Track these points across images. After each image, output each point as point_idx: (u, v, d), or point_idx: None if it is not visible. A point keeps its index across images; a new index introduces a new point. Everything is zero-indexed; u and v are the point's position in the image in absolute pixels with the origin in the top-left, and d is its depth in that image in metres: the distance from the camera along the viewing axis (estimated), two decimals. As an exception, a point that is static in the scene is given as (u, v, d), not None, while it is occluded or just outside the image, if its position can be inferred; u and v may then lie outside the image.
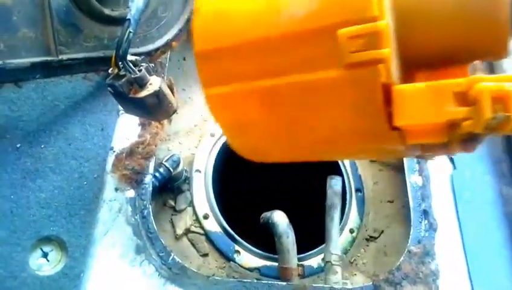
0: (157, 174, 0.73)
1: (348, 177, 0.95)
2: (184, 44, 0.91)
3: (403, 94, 0.35)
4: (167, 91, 0.55)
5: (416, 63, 0.38)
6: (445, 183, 0.82)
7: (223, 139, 0.93)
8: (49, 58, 0.64)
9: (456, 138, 0.36)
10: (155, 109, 0.55)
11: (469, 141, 0.36)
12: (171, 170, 0.75)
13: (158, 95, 0.54)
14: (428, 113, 0.35)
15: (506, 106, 0.32)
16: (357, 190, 0.95)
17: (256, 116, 0.42)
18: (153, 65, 0.83)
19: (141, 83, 0.54)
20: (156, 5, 0.76)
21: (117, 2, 0.68)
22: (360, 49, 0.35)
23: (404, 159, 0.84)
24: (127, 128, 0.72)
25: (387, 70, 0.35)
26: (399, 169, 0.88)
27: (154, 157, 0.72)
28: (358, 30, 0.35)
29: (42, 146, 0.66)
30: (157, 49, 0.78)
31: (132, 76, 0.54)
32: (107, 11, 0.67)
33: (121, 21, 0.63)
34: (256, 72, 0.40)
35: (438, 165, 0.82)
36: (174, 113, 0.56)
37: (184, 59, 1.01)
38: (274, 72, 0.40)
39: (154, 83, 0.54)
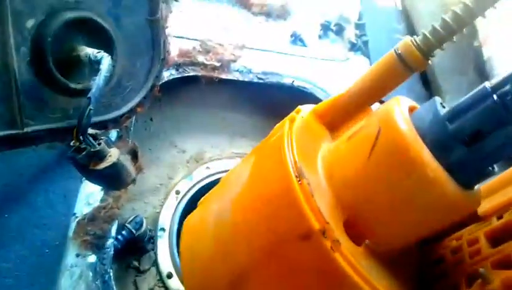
0: (119, 237, 0.75)
1: None
2: (151, 106, 0.96)
3: None
4: (125, 162, 0.58)
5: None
6: None
7: (188, 196, 0.96)
8: (14, 132, 0.66)
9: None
10: (113, 180, 0.58)
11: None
12: (134, 231, 0.77)
13: (116, 166, 0.57)
14: None
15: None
16: None
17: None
18: (119, 130, 0.86)
19: (100, 156, 0.57)
20: (121, 75, 0.80)
21: (82, 75, 0.72)
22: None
23: None
24: (89, 193, 0.74)
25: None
26: None
27: (117, 221, 0.74)
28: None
29: (6, 215, 0.67)
30: (122, 116, 0.82)
31: (92, 150, 0.57)
32: (72, 85, 0.70)
33: (86, 93, 0.67)
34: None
35: None
36: (132, 182, 0.59)
37: (151, 120, 1.05)
38: None
39: (113, 155, 0.58)
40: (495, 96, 0.35)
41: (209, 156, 1.03)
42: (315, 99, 1.01)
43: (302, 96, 1.01)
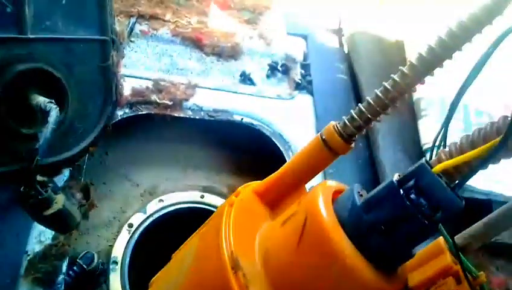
0: (70, 272, 0.78)
1: None
2: (107, 140, 1.00)
3: None
4: (70, 208, 0.62)
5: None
6: None
7: (141, 229, 1.00)
8: (-35, 176, 0.69)
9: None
10: (59, 225, 0.62)
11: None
12: (85, 266, 0.80)
13: (61, 213, 0.62)
14: None
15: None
16: None
17: None
18: (71, 169, 0.90)
19: (47, 203, 0.61)
20: (73, 117, 0.84)
21: (35, 121, 0.76)
22: None
23: None
24: (41, 231, 0.78)
25: None
26: None
27: (68, 257, 0.78)
28: None
29: (-44, 256, 0.70)
30: (74, 156, 0.86)
31: (39, 197, 0.61)
32: (24, 130, 0.74)
33: (37, 138, 0.71)
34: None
35: None
36: (77, 226, 0.63)
37: (106, 154, 1.09)
38: None
39: (59, 202, 0.62)
40: (401, 191, 0.38)
41: (162, 189, 1.08)
42: (262, 135, 1.08)
43: (250, 132, 1.08)
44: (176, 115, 1.03)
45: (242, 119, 1.07)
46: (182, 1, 1.24)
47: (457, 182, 0.40)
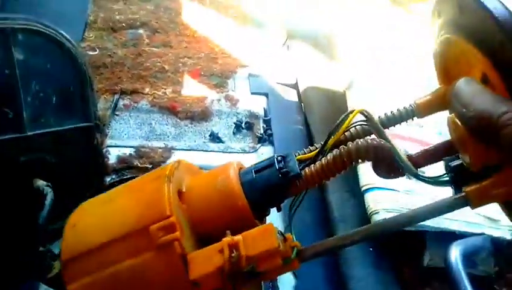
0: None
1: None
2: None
3: (192, 257, 0.51)
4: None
5: (208, 239, 0.57)
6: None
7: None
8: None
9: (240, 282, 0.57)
10: (58, 285, 0.78)
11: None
12: None
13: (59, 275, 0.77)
14: (206, 265, 0.50)
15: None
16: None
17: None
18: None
19: (48, 268, 0.77)
20: (67, 189, 1.01)
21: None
22: (163, 235, 0.52)
23: None
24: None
25: (180, 245, 0.50)
26: None
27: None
28: (161, 224, 0.52)
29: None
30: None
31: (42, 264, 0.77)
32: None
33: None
34: (104, 263, 0.56)
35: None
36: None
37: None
38: (115, 261, 0.55)
39: (56, 267, 0.78)
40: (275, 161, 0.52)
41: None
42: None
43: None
44: (155, 175, 1.19)
45: (212, 173, 1.24)
46: (158, 75, 1.42)
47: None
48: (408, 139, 1.20)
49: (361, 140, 0.51)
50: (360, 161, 0.54)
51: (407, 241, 1.10)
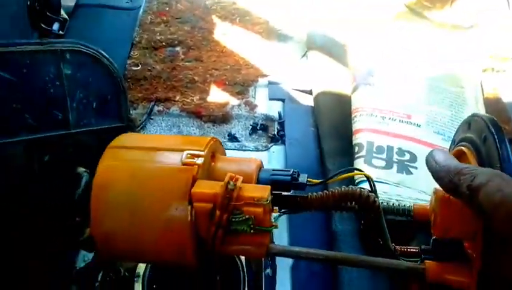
0: (103, 281, 1.15)
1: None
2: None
3: (200, 182, 0.63)
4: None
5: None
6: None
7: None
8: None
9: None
10: (88, 247, 0.99)
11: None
12: (113, 277, 1.16)
13: (90, 239, 0.98)
14: (206, 189, 0.62)
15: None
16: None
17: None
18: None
19: (81, 231, 0.99)
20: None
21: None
22: (190, 158, 0.66)
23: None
24: (85, 254, 1.15)
25: (197, 171, 0.64)
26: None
27: (102, 271, 1.14)
28: (194, 152, 0.67)
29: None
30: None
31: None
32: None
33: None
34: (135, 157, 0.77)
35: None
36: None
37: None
38: (142, 160, 0.73)
39: (87, 231, 0.99)
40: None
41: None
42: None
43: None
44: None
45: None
46: (189, 85, 1.63)
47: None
48: (403, 138, 1.28)
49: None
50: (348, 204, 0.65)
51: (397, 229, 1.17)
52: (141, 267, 1.30)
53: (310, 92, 1.63)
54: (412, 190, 1.16)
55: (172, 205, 0.64)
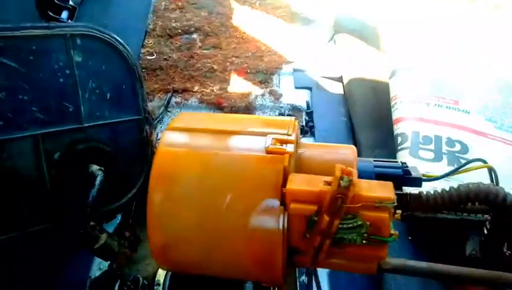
0: (122, 291, 1.03)
1: None
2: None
3: (293, 176, 0.49)
4: (111, 243, 0.88)
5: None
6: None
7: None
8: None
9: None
10: (103, 254, 0.87)
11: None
12: (132, 287, 1.05)
13: (105, 246, 0.87)
14: (304, 185, 0.48)
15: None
16: None
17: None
18: (122, 213, 1.17)
19: (95, 239, 0.87)
20: (120, 176, 1.12)
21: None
22: (279, 144, 0.53)
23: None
24: (101, 261, 1.04)
25: (288, 160, 0.50)
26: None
27: (119, 280, 1.03)
28: (282, 137, 0.54)
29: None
30: (123, 204, 1.12)
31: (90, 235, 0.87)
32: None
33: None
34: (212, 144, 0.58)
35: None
36: (119, 256, 0.88)
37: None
38: (225, 148, 0.56)
39: (103, 239, 0.87)
40: None
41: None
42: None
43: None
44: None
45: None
46: (208, 74, 1.51)
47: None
48: (452, 126, 1.14)
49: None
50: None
51: (448, 230, 1.04)
52: (161, 275, 1.19)
53: (340, 79, 1.50)
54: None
55: (257, 206, 0.49)
